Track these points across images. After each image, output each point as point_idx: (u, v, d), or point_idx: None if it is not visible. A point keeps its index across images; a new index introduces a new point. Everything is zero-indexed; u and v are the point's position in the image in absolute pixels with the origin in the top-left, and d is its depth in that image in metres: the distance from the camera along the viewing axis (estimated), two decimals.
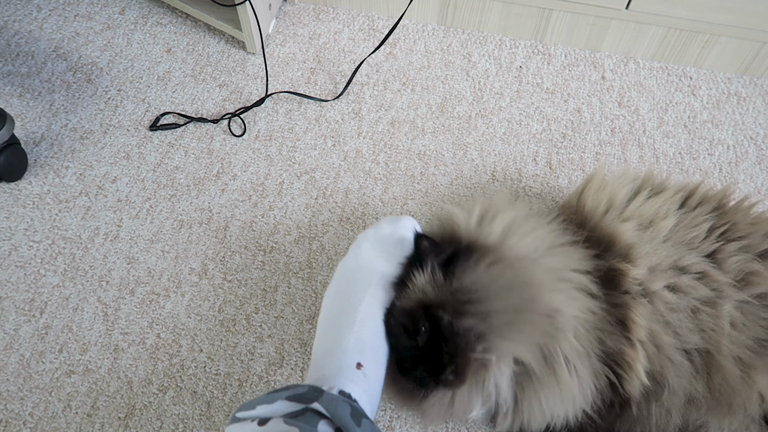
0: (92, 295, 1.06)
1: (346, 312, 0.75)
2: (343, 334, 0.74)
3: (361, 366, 0.72)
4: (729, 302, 0.76)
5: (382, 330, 0.76)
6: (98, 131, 1.26)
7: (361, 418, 0.65)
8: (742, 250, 0.79)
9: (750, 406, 0.76)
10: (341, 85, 1.34)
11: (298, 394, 0.67)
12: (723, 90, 1.36)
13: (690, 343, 0.76)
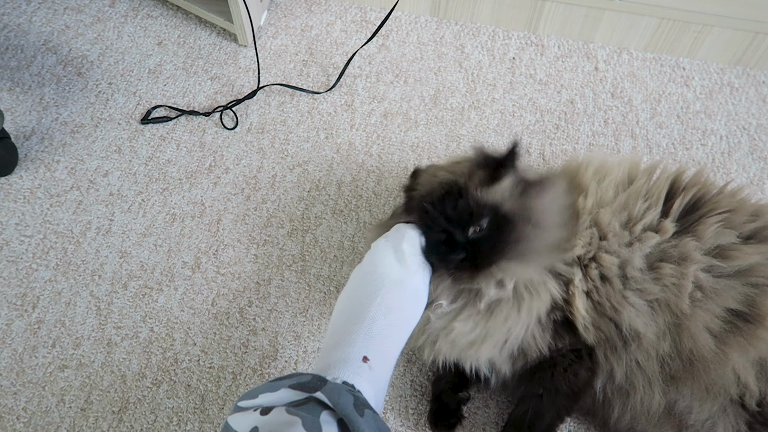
0: (85, 289, 1.06)
1: (357, 310, 0.77)
2: (352, 330, 0.75)
3: (368, 360, 0.72)
4: (695, 264, 0.79)
5: (392, 329, 0.77)
6: (89, 125, 1.26)
7: (364, 408, 0.65)
8: (722, 224, 0.81)
9: (726, 384, 0.77)
10: (334, 78, 1.34)
11: (302, 382, 0.67)
12: (716, 80, 1.36)
13: (650, 292, 0.79)
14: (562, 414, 0.87)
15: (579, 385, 0.85)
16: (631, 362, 0.82)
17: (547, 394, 0.85)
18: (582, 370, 0.84)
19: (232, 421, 0.67)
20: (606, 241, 0.82)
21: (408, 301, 0.80)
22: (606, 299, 0.81)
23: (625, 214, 0.84)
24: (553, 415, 0.86)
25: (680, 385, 0.80)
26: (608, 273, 0.81)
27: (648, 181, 0.87)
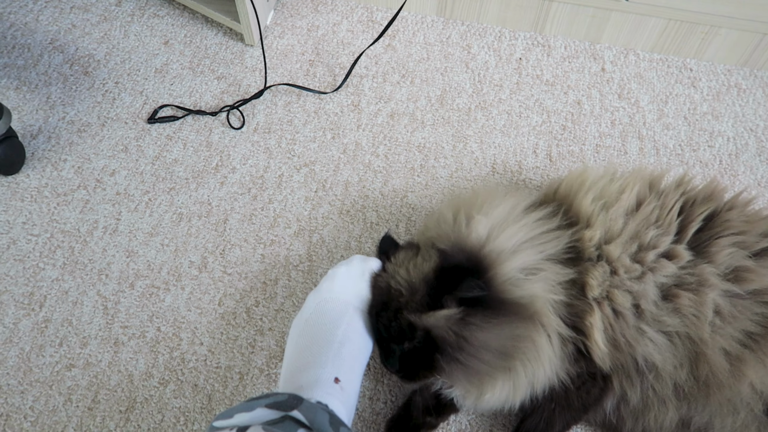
0: (92, 288, 1.06)
1: (323, 335, 0.79)
2: (320, 353, 0.77)
3: (339, 380, 0.75)
4: (714, 291, 0.77)
5: (359, 351, 0.79)
6: (96, 124, 1.26)
7: (339, 426, 0.67)
8: (736, 246, 0.79)
9: (745, 399, 0.77)
10: (340, 78, 1.34)
11: (278, 401, 0.68)
12: (723, 82, 1.36)
13: (669, 324, 0.77)
14: (571, 424, 0.89)
15: (590, 402, 0.85)
16: (647, 390, 0.81)
17: (560, 409, 0.86)
18: (595, 389, 0.83)
19: None
20: (617, 276, 0.79)
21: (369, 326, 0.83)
22: (621, 335, 0.78)
23: (635, 244, 0.79)
24: (562, 425, 0.88)
25: (692, 402, 0.79)
26: (621, 309, 0.78)
27: (658, 204, 0.83)
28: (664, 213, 0.83)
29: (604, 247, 0.81)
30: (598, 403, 0.85)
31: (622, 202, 0.83)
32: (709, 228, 0.82)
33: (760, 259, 0.79)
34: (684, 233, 0.81)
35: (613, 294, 0.79)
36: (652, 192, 0.86)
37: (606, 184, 0.87)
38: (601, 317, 0.79)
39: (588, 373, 0.83)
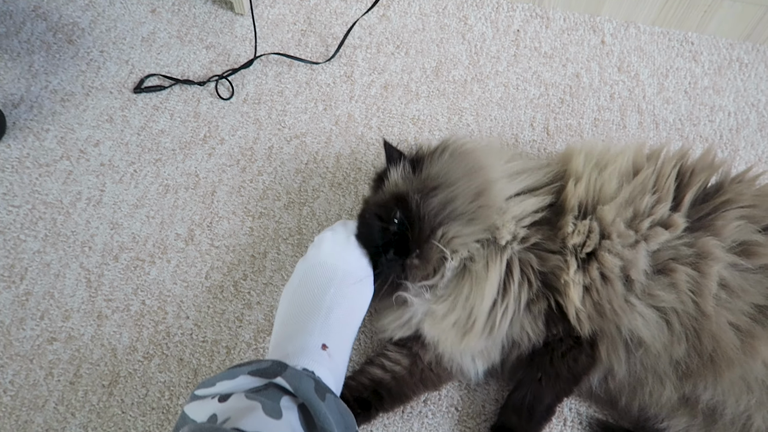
0: (74, 261, 1.03)
1: (310, 301, 0.76)
2: (308, 320, 0.74)
3: (327, 347, 0.72)
4: (718, 264, 0.74)
5: (347, 318, 0.77)
6: (80, 93, 1.22)
7: (325, 393, 0.65)
8: (745, 219, 0.76)
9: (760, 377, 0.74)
10: (333, 48, 1.30)
11: (261, 369, 0.66)
12: (725, 56, 1.33)
13: (663, 300, 0.75)
14: (561, 395, 0.86)
15: (579, 370, 0.83)
16: (636, 365, 0.80)
17: (546, 379, 0.83)
18: (582, 356, 0.82)
19: (188, 410, 0.66)
20: (609, 240, 0.78)
21: (358, 291, 0.80)
22: (607, 301, 0.77)
23: (630, 210, 0.79)
24: (552, 398, 0.85)
25: (699, 380, 0.77)
26: (609, 274, 0.77)
27: (655, 171, 0.82)
28: (661, 180, 0.81)
29: (598, 207, 0.80)
30: (587, 372, 0.83)
31: (617, 164, 0.82)
32: (714, 199, 0.79)
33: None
34: (682, 200, 0.79)
35: (603, 257, 0.77)
36: (650, 161, 0.84)
37: (602, 151, 0.86)
38: (581, 275, 0.78)
39: (572, 338, 0.81)
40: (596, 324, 0.79)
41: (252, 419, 0.60)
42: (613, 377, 0.83)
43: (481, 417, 0.92)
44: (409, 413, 0.92)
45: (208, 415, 0.63)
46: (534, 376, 0.84)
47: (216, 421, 0.62)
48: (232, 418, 0.60)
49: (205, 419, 0.63)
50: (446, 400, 0.93)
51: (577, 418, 0.92)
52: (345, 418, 0.66)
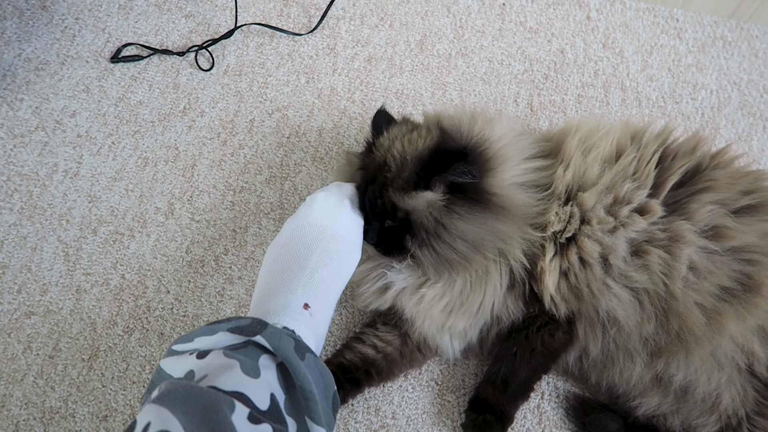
0: (52, 234, 1.01)
1: (295, 260, 0.74)
2: (291, 278, 0.72)
3: (309, 307, 0.70)
4: (689, 247, 0.75)
5: (332, 279, 0.75)
6: (55, 62, 1.18)
7: (305, 352, 0.64)
8: (717, 204, 0.77)
9: (729, 353, 0.76)
10: (315, 19, 1.27)
11: (241, 326, 0.64)
12: (709, 33, 1.33)
13: (636, 281, 0.77)
14: (538, 372, 0.87)
15: (555, 346, 0.84)
16: (609, 343, 0.81)
17: (521, 353, 0.84)
18: (559, 332, 0.83)
19: (165, 364, 0.65)
20: (589, 226, 0.78)
21: (347, 255, 0.79)
22: (585, 285, 0.78)
23: (610, 196, 0.79)
24: (528, 373, 0.86)
25: (671, 358, 0.78)
26: (588, 259, 0.78)
27: (637, 156, 0.82)
28: (642, 165, 0.81)
29: (579, 194, 0.80)
30: (563, 349, 0.84)
31: (600, 149, 0.82)
32: (690, 184, 0.80)
33: (741, 216, 0.78)
34: (661, 187, 0.80)
35: (582, 242, 0.78)
36: (633, 143, 0.84)
37: (593, 130, 0.86)
38: (557, 261, 0.79)
39: (548, 316, 0.82)
40: (573, 306, 0.80)
41: (229, 378, 0.59)
42: (587, 356, 0.84)
43: (460, 391, 0.93)
44: (389, 387, 0.93)
45: (185, 371, 0.62)
46: (510, 350, 0.85)
47: (193, 377, 0.61)
48: (210, 376, 0.60)
49: (182, 375, 0.63)
50: (426, 374, 0.94)
51: (554, 392, 0.94)
52: (324, 377, 0.66)
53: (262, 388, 0.61)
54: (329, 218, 0.78)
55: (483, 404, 0.87)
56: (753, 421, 0.77)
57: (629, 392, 0.84)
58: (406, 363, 0.92)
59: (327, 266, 0.75)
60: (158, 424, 0.53)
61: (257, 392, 0.60)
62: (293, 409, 0.63)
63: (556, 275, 0.79)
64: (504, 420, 0.85)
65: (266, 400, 0.60)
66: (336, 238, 0.77)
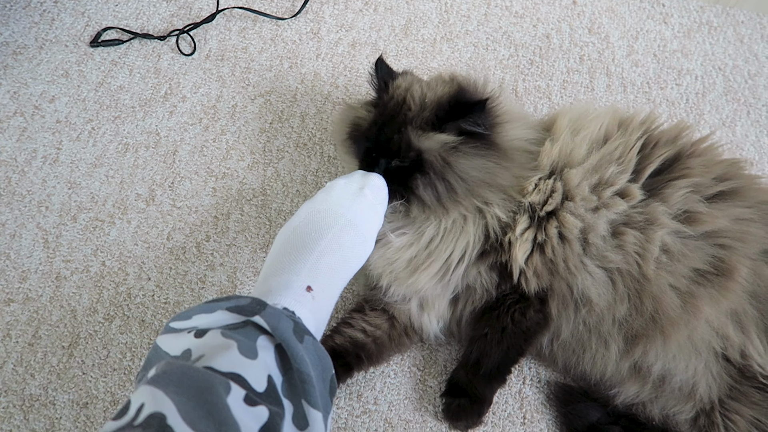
0: (31, 221, 1.00)
1: (305, 243, 0.74)
2: (297, 260, 0.72)
3: (311, 289, 0.70)
4: (663, 230, 0.77)
5: (340, 265, 0.75)
6: (33, 46, 1.16)
7: (303, 335, 0.63)
8: (691, 190, 0.79)
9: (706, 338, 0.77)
10: (299, 3, 1.26)
11: (240, 305, 0.64)
12: (695, 19, 1.33)
13: (611, 260, 0.78)
14: (511, 353, 0.86)
15: (527, 325, 0.84)
16: (579, 323, 0.82)
17: (492, 333, 0.84)
18: (531, 311, 0.83)
19: (161, 342, 0.64)
20: (572, 202, 0.80)
21: (358, 244, 0.78)
22: (561, 260, 0.79)
23: (596, 176, 0.81)
24: (500, 355, 0.85)
25: (649, 344, 0.79)
26: (569, 235, 0.79)
27: (623, 141, 0.83)
28: (626, 150, 0.82)
29: (566, 170, 0.81)
30: (537, 329, 0.84)
31: (589, 131, 0.84)
32: (668, 171, 0.82)
33: (713, 202, 0.79)
34: (641, 173, 0.81)
35: (564, 217, 0.79)
36: (620, 130, 0.85)
37: (584, 113, 0.88)
38: (531, 233, 0.81)
39: (520, 294, 0.83)
40: (545, 282, 0.81)
41: (226, 358, 0.59)
42: (558, 337, 0.85)
43: (442, 376, 0.93)
44: (372, 373, 0.93)
45: (182, 349, 0.62)
46: (481, 331, 0.85)
47: (190, 356, 0.61)
48: (206, 356, 0.59)
49: (179, 353, 0.62)
50: (408, 360, 0.94)
51: (536, 377, 0.94)
52: (322, 360, 0.65)
53: (260, 370, 0.60)
54: (346, 206, 0.78)
55: (456, 388, 0.87)
56: (725, 404, 0.78)
57: (608, 382, 0.85)
58: (394, 346, 0.92)
59: (335, 252, 0.74)
60: (152, 405, 0.52)
61: (254, 374, 0.59)
62: (290, 391, 0.62)
63: (528, 247, 0.80)
64: (480, 403, 0.86)
65: (263, 381, 0.60)
66: (349, 226, 0.77)
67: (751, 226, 0.78)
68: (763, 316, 0.77)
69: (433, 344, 0.96)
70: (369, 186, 0.81)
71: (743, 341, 0.76)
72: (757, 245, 0.77)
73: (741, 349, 0.76)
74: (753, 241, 0.77)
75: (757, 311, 0.77)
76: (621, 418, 0.86)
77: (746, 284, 0.76)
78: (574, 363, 0.86)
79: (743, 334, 0.76)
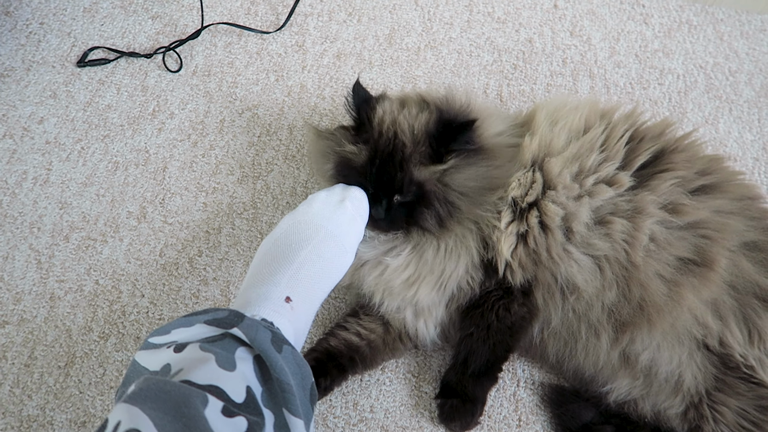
0: (23, 242, 1.01)
1: (285, 254, 0.75)
2: (277, 270, 0.73)
3: (290, 300, 0.71)
4: (651, 219, 0.79)
5: (319, 277, 0.75)
6: (20, 68, 1.17)
7: (282, 344, 0.64)
8: (676, 183, 0.81)
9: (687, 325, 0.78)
10: (283, 16, 1.27)
11: (218, 318, 0.64)
12: (675, 18, 1.34)
13: (598, 248, 0.80)
14: (498, 350, 0.87)
15: (512, 321, 0.85)
16: (569, 311, 0.83)
17: (478, 331, 0.86)
18: (515, 305, 0.84)
19: (140, 357, 0.64)
20: (554, 191, 0.81)
21: (339, 255, 0.79)
22: (544, 249, 0.81)
23: (576, 165, 0.82)
24: (487, 352, 0.86)
25: (636, 332, 0.80)
26: (550, 223, 0.80)
27: (605, 131, 0.85)
28: (612, 141, 0.84)
29: (546, 159, 0.83)
30: (523, 324, 0.85)
31: (568, 121, 0.85)
32: (654, 165, 0.83)
33: (696, 195, 0.81)
34: (630, 163, 0.82)
35: (545, 206, 0.81)
36: (601, 120, 0.87)
37: (561, 104, 0.89)
38: (514, 227, 0.82)
39: (503, 289, 0.84)
40: (530, 272, 0.82)
41: (204, 371, 0.59)
42: (548, 325, 0.86)
43: (436, 382, 0.94)
44: (367, 381, 0.94)
45: (161, 364, 0.62)
46: (467, 330, 0.86)
47: (169, 371, 0.61)
48: (185, 370, 0.60)
49: (158, 368, 0.62)
50: (403, 366, 0.95)
51: (530, 379, 0.95)
52: (302, 369, 0.66)
53: (238, 381, 0.61)
54: (326, 217, 0.79)
55: (448, 389, 0.88)
56: (712, 396, 0.79)
57: (599, 376, 0.86)
58: (388, 351, 0.93)
59: (315, 263, 0.75)
60: (128, 422, 0.53)
61: (232, 385, 0.60)
62: (270, 401, 0.63)
63: (513, 240, 0.82)
64: (472, 402, 0.86)
65: (242, 392, 0.61)
66: (330, 237, 0.78)
67: (731, 218, 0.80)
68: (741, 307, 0.79)
69: (428, 350, 0.96)
70: (350, 198, 0.81)
71: (721, 329, 0.78)
72: (736, 237, 0.79)
73: (720, 337, 0.78)
74: (732, 233, 0.79)
75: (735, 301, 0.79)
76: (613, 418, 0.87)
77: (725, 275, 0.78)
78: (567, 355, 0.86)
79: (721, 322, 0.78)
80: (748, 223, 0.81)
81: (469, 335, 0.86)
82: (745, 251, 0.80)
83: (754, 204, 0.84)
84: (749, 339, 0.78)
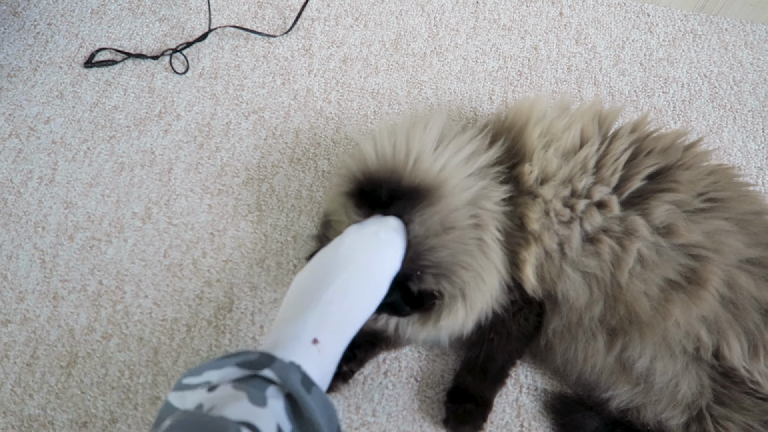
0: (27, 241, 1.01)
1: (314, 290, 0.73)
2: (305, 309, 0.72)
3: (317, 342, 0.70)
4: (641, 242, 0.78)
5: (349, 314, 0.74)
6: (27, 68, 1.18)
7: (311, 386, 0.64)
8: (675, 204, 0.79)
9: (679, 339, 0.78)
10: (290, 20, 1.28)
11: (249, 360, 0.65)
12: (679, 27, 1.35)
13: (586, 265, 0.80)
14: (514, 356, 0.90)
15: (530, 329, 0.87)
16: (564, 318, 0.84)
17: (498, 338, 0.87)
18: (532, 315, 0.86)
19: (173, 398, 0.65)
20: (548, 218, 0.81)
21: (370, 289, 0.76)
22: (547, 272, 0.82)
23: (567, 189, 0.81)
24: (505, 358, 0.89)
25: (629, 339, 0.80)
26: (549, 250, 0.81)
27: (602, 146, 0.83)
28: (609, 160, 0.82)
29: (540, 187, 0.83)
30: (537, 332, 0.87)
31: (562, 142, 0.84)
32: (656, 182, 0.82)
33: (694, 215, 0.80)
34: (626, 184, 0.81)
35: (542, 234, 0.81)
36: (600, 131, 0.85)
37: (555, 119, 0.87)
38: (535, 252, 0.82)
39: (523, 300, 0.85)
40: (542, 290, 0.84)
41: (237, 407, 0.60)
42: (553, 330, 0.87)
43: (440, 386, 0.94)
44: (369, 385, 0.94)
45: (194, 403, 0.63)
46: (486, 336, 0.87)
47: (202, 409, 0.62)
48: (218, 407, 0.60)
49: (191, 407, 0.63)
50: (406, 371, 0.95)
51: (533, 385, 0.95)
52: (328, 410, 0.66)
53: (269, 418, 0.61)
54: (359, 250, 0.76)
55: (463, 394, 0.88)
56: (712, 409, 0.78)
57: (601, 381, 0.86)
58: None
59: (342, 302, 0.73)
60: None
61: (264, 421, 0.60)
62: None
63: (534, 265, 0.82)
64: (484, 406, 0.88)
65: (273, 429, 0.61)
66: (361, 271, 0.75)
67: (729, 237, 0.78)
68: (741, 321, 0.77)
69: (431, 355, 0.96)
70: (384, 229, 0.78)
71: (717, 343, 0.77)
72: (733, 256, 0.78)
73: (715, 350, 0.77)
74: (729, 252, 0.77)
75: (733, 316, 0.77)
76: (618, 426, 0.86)
77: (720, 292, 0.77)
78: (571, 357, 0.86)
79: (718, 336, 0.77)
80: (749, 240, 0.79)
81: (489, 341, 0.87)
82: (747, 267, 0.78)
83: (759, 219, 0.82)
84: (753, 353, 0.76)
